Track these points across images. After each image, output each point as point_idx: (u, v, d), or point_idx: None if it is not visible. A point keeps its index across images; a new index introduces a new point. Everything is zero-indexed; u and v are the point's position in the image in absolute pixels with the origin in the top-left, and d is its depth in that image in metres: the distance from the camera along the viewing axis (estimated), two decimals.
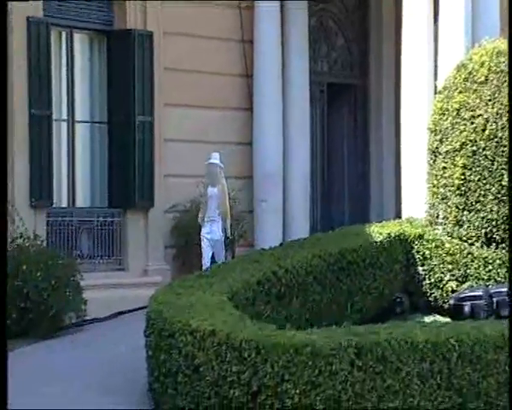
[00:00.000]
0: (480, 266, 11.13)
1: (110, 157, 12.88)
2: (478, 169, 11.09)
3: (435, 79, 12.89)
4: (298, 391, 7.49)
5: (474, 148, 11.12)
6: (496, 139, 11.04)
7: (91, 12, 12.70)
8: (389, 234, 11.35)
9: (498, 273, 11.04)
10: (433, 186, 11.44)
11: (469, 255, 11.18)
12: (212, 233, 11.77)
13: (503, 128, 11.01)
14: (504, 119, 10.96)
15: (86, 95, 12.84)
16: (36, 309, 10.98)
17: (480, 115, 11.13)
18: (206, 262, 11.65)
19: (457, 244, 11.22)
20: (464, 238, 11.24)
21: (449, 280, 11.25)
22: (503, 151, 10.99)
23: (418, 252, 11.47)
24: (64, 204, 12.54)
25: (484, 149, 11.07)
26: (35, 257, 11.13)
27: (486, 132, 11.07)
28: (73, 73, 12.67)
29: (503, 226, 10.99)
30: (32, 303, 10.97)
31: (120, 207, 12.78)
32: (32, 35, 11.80)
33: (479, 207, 11.11)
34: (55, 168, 12.30)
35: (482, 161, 11.08)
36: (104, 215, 12.70)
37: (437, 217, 11.42)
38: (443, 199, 11.30)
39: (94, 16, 12.74)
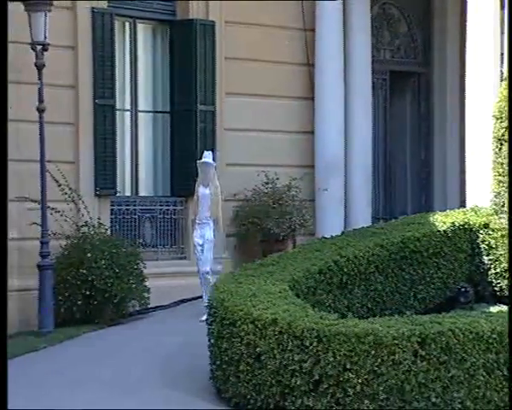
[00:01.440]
0: None
1: (172, 146, 12.93)
2: None
3: (501, 65, 12.61)
4: (360, 380, 7.43)
5: None
6: None
7: (154, 2, 12.75)
8: (453, 223, 11.17)
9: None
10: (499, 174, 11.20)
11: None
12: (203, 236, 11.18)
13: None
14: None
15: (149, 85, 12.89)
16: (100, 297, 11.10)
17: None
18: (198, 270, 11.13)
19: None
20: None
21: None
22: None
23: (483, 241, 11.26)
24: (127, 193, 12.62)
25: None
26: (100, 245, 11.24)
27: None
28: (136, 63, 12.74)
29: None
30: (96, 291, 11.09)
31: (182, 195, 12.82)
32: (96, 26, 11.90)
33: None
34: (119, 157, 12.40)
35: None
36: (166, 204, 12.75)
37: (502, 206, 11.17)
38: (509, 187, 11.05)
39: (157, 6, 12.78)
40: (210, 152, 11.34)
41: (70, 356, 9.86)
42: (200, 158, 11.47)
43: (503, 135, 11.18)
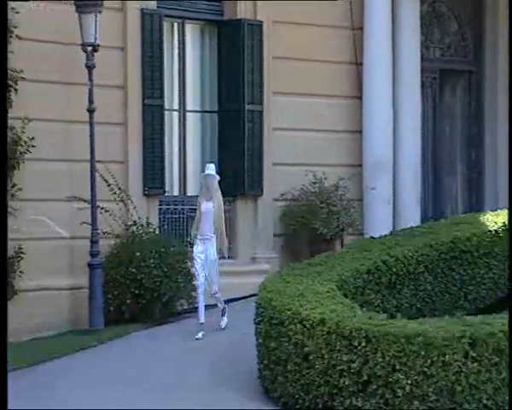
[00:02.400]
0: None
1: (220, 146, 12.95)
2: None
3: None
4: (409, 381, 7.36)
5: None
6: None
7: (202, 3, 12.79)
8: (504, 223, 11.00)
9: None
10: None
11: None
12: (206, 253, 10.35)
13: None
14: None
15: (197, 85, 12.94)
16: (149, 296, 11.16)
17: None
18: (200, 284, 10.45)
19: None
20: None
21: None
22: None
23: None
24: (176, 192, 12.68)
25: None
26: (148, 244, 11.31)
27: None
28: (185, 63, 12.79)
29: None
30: (145, 290, 11.15)
31: (230, 195, 12.83)
32: (145, 26, 11.98)
33: None
34: (167, 157, 12.46)
35: None
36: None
37: None
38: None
39: (205, 7, 12.82)
40: (213, 164, 10.71)
41: (120, 354, 9.94)
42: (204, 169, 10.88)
43: None
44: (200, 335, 10.28)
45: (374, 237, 11.02)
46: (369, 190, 13.45)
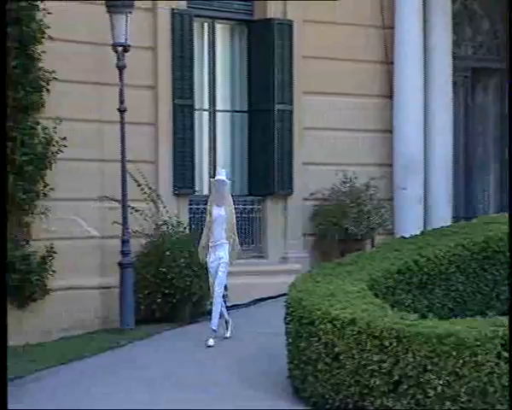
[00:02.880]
0: None
1: (250, 146, 12.95)
2: None
3: None
4: (441, 382, 7.32)
5: None
6: None
7: (233, 2, 12.79)
8: None
9: None
10: None
11: None
12: (218, 259, 10.11)
13: None
14: None
15: (227, 84, 12.95)
16: (179, 295, 11.19)
17: None
18: (213, 294, 10.15)
19: None
20: None
21: None
22: None
23: None
24: (205, 192, 12.69)
25: None
26: (178, 244, 11.33)
27: None
28: (215, 63, 12.81)
29: None
30: (175, 289, 11.19)
31: (260, 194, 12.83)
32: (175, 26, 12.01)
33: None
34: (197, 157, 12.49)
35: None
36: (244, 203, 12.78)
37: None
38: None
39: (235, 7, 12.83)
40: (224, 169, 10.46)
41: (150, 354, 9.96)
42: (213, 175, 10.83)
43: None
44: (211, 342, 9.97)
45: (404, 237, 10.96)
46: (399, 190, 13.38)
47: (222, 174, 10.16)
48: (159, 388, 8.73)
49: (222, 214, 10.03)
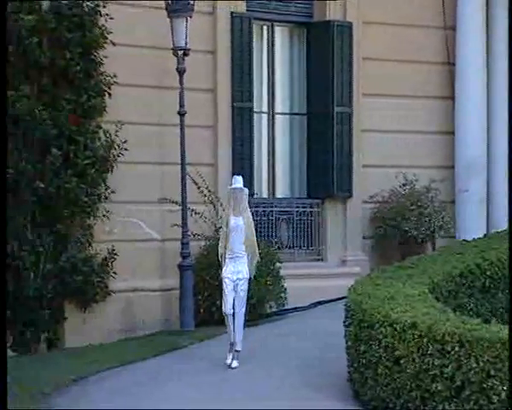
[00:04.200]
0: None
1: (309, 148, 12.95)
2: None
3: None
4: (505, 388, 7.20)
5: None
6: None
7: (292, 5, 12.80)
8: None
9: None
10: None
11: None
12: (236, 273, 9.36)
13: None
14: None
15: (286, 87, 12.97)
16: None
17: None
18: (228, 310, 9.37)
19: None
20: None
21: None
22: None
23: None
24: (264, 195, 12.73)
25: None
26: None
27: None
28: (274, 66, 12.83)
29: None
30: None
31: (319, 197, 12.82)
32: (235, 30, 12.07)
33: None
34: (256, 160, 12.52)
35: None
36: (303, 206, 12.79)
37: None
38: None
39: (294, 9, 12.84)
40: (240, 177, 9.74)
41: (210, 356, 10.01)
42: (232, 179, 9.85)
43: None
44: (230, 361, 9.37)
45: (467, 240, 10.84)
46: (461, 192, 13.23)
47: (239, 182, 9.58)
48: (218, 388, 8.77)
49: (240, 224, 9.39)
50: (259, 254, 9.71)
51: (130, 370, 9.64)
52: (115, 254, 11.03)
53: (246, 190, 9.63)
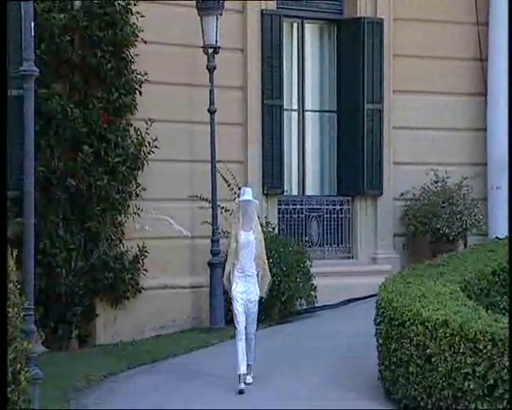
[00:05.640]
0: None
1: (339, 145, 12.93)
2: None
3: None
4: None
5: None
6: None
7: (322, 2, 12.78)
8: None
9: None
10: None
11: None
12: (247, 293, 8.71)
13: None
14: None
15: (316, 84, 12.95)
16: (268, 295, 11.19)
17: None
18: (240, 330, 8.70)
19: None
20: None
21: None
22: None
23: None
24: (294, 192, 12.73)
25: None
26: (268, 244, 11.28)
27: None
28: (304, 63, 12.82)
29: None
30: None
31: (349, 195, 12.79)
32: (265, 27, 12.08)
33: None
34: (286, 157, 12.52)
35: None
36: (333, 203, 12.77)
37: None
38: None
39: (324, 6, 12.82)
40: (250, 188, 9.16)
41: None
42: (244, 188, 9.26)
43: None
44: (242, 386, 8.62)
45: (499, 238, 10.77)
46: (494, 190, 13.14)
47: (248, 194, 8.88)
48: (247, 388, 8.76)
49: (251, 240, 8.71)
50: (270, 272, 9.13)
51: (161, 367, 9.70)
52: (146, 251, 11.08)
53: (256, 203, 8.97)
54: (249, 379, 8.78)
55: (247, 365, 8.72)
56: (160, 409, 8.25)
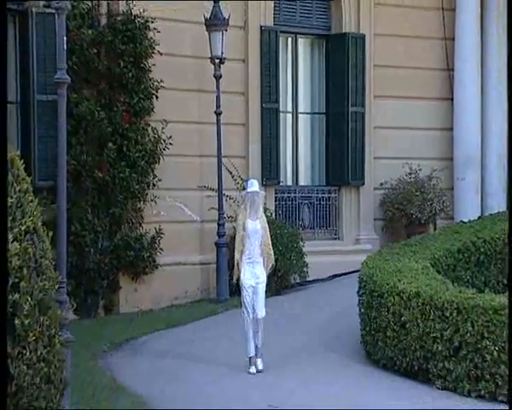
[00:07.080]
0: None
1: (327, 143, 12.95)
2: None
3: None
4: (497, 348, 7.20)
5: None
6: None
7: (313, 19, 12.77)
8: None
9: None
10: None
11: None
12: (255, 278, 8.29)
13: None
14: None
15: (308, 90, 12.95)
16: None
17: None
18: (246, 316, 8.30)
19: None
20: None
21: None
22: None
23: None
24: (289, 183, 12.74)
25: None
26: None
27: None
28: (297, 72, 12.82)
29: None
30: None
31: (336, 185, 12.82)
32: (263, 41, 12.07)
33: None
34: (282, 153, 12.54)
35: None
36: (322, 192, 12.79)
37: None
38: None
39: (315, 23, 12.81)
40: (255, 180, 8.64)
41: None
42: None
43: None
44: (253, 369, 8.17)
45: (464, 222, 10.80)
46: (459, 180, 13.15)
47: (254, 185, 8.38)
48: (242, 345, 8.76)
49: (258, 229, 8.26)
50: (274, 257, 8.68)
51: (175, 332, 9.74)
52: (162, 233, 11.11)
53: (262, 193, 8.58)
54: (259, 365, 8.17)
55: (256, 347, 8.23)
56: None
